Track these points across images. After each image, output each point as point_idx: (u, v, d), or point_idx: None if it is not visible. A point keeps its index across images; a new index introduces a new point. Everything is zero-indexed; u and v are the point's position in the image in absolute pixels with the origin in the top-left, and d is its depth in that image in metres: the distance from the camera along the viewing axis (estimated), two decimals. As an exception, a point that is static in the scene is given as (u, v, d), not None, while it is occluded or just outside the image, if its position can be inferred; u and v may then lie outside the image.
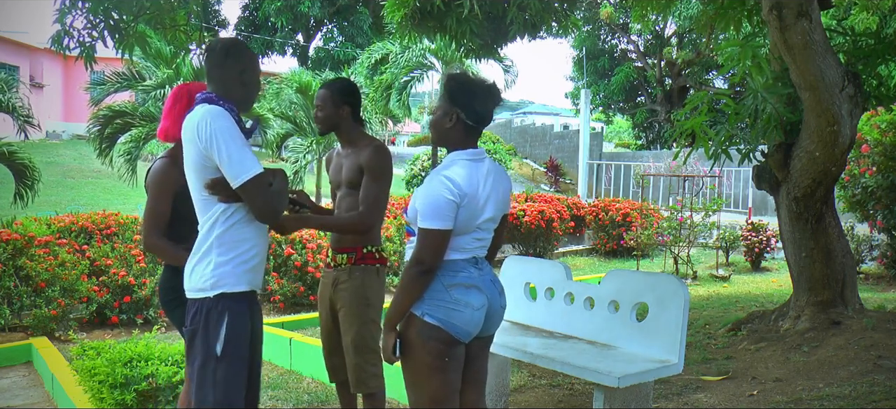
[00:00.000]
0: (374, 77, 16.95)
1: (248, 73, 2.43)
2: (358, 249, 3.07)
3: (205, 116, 2.26)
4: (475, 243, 2.46)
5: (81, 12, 4.74)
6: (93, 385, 3.73)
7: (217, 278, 2.28)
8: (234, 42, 2.52)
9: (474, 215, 2.40)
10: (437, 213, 2.33)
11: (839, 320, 4.79)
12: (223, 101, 2.34)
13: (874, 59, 4.80)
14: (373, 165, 3.02)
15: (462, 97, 2.45)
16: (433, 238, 2.34)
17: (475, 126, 2.46)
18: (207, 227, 2.33)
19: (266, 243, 2.45)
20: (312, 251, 7.58)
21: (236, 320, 2.29)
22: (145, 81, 12.31)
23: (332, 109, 3.12)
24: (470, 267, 2.44)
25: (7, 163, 9.57)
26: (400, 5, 5.43)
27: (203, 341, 2.27)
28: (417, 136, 30.44)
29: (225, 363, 2.26)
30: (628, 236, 10.69)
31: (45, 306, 6.09)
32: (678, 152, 5.36)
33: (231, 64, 2.40)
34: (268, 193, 2.30)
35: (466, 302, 2.39)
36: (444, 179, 2.37)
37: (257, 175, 2.25)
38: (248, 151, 2.28)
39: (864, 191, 7.68)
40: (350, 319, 3.04)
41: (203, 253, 2.32)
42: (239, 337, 2.29)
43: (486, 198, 2.44)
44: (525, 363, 4.26)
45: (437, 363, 2.39)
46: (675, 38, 22.05)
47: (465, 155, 2.45)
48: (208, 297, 2.28)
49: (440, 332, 2.38)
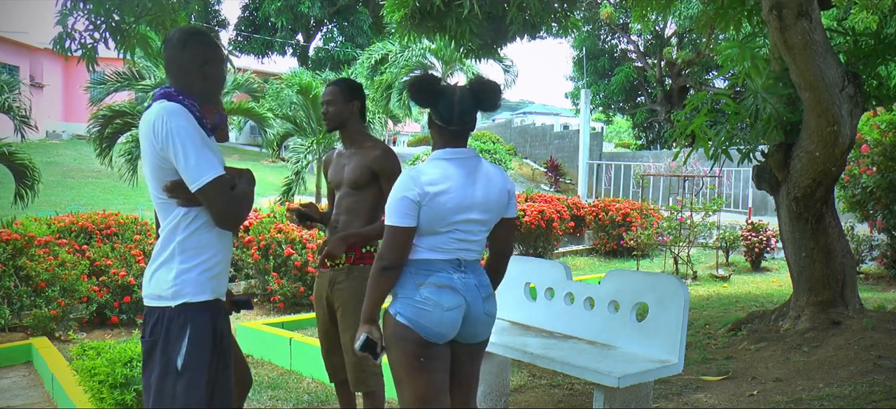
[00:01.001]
0: (375, 77, 16.96)
1: (210, 65, 2.26)
2: (357, 248, 3.07)
3: (160, 114, 2.11)
4: (456, 244, 2.40)
5: (83, 14, 4.74)
6: (93, 385, 3.73)
7: (179, 287, 2.14)
8: (193, 31, 2.34)
9: (443, 215, 2.36)
10: (395, 210, 2.34)
11: (839, 320, 4.79)
12: (183, 96, 2.18)
13: (874, 59, 4.79)
14: (387, 169, 3.05)
15: (426, 99, 2.45)
16: (392, 235, 2.35)
17: (446, 127, 2.43)
18: (168, 231, 2.18)
19: (229, 248, 2.32)
20: (312, 251, 7.57)
21: (199, 331, 2.15)
22: (145, 80, 12.31)
23: (342, 104, 3.12)
24: (449, 268, 2.39)
25: (7, 163, 9.57)
26: (400, 5, 5.43)
27: (163, 352, 2.14)
28: (417, 136, 30.46)
29: (186, 377, 2.13)
30: (628, 236, 10.68)
31: (45, 306, 6.08)
32: (678, 152, 5.37)
33: (189, 55, 2.23)
34: (228, 198, 2.16)
35: (436, 302, 2.35)
36: (407, 178, 2.37)
37: (216, 178, 2.11)
38: (208, 151, 2.13)
39: (864, 191, 7.68)
40: (349, 318, 3.04)
41: (164, 260, 2.17)
42: (201, 349, 2.16)
43: (466, 198, 2.39)
44: (525, 363, 4.26)
45: (413, 363, 2.37)
46: (675, 38, 22.04)
47: (439, 154, 2.44)
48: (169, 306, 2.15)
49: (410, 332, 2.36)
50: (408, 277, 2.39)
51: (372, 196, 3.09)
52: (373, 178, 3.07)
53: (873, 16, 5.86)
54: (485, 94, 2.47)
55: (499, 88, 2.50)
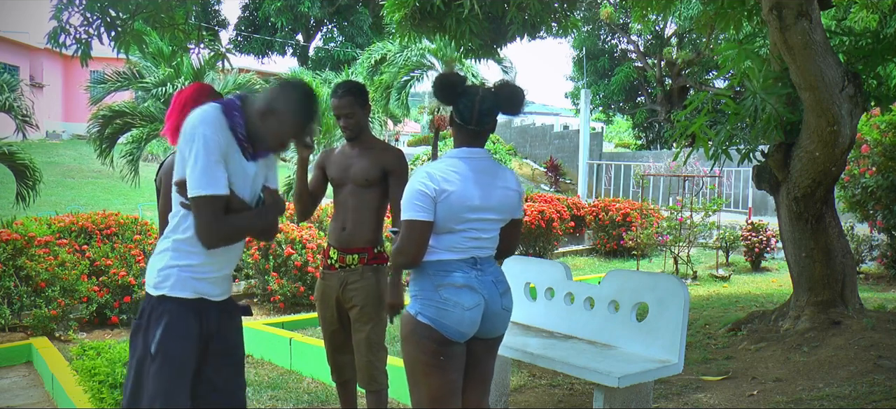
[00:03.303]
0: (374, 77, 16.95)
1: (279, 122, 2.25)
2: (369, 249, 3.10)
3: (200, 113, 2.18)
4: (470, 243, 2.45)
5: (78, 9, 4.74)
6: (93, 385, 3.73)
7: (162, 279, 2.23)
8: (299, 89, 2.32)
9: (458, 212, 2.41)
10: (412, 204, 2.39)
11: (839, 320, 4.79)
12: (240, 113, 2.23)
13: (874, 59, 4.79)
14: (398, 169, 3.10)
15: (449, 97, 2.50)
16: (411, 229, 2.39)
17: (465, 126, 2.48)
18: (172, 225, 2.27)
19: (227, 258, 2.32)
20: (312, 251, 7.57)
21: (175, 323, 2.21)
22: (145, 80, 12.29)
23: (360, 111, 3.14)
24: (466, 267, 2.44)
25: (8, 163, 9.55)
26: (400, 5, 5.43)
27: (144, 336, 2.23)
28: (417, 136, 30.40)
29: (158, 362, 2.19)
30: (628, 236, 10.68)
31: (45, 306, 6.08)
32: (678, 152, 5.37)
33: (275, 101, 2.25)
34: (214, 220, 2.16)
35: (456, 302, 2.40)
36: (423, 174, 2.42)
37: (210, 196, 2.14)
38: (218, 169, 2.16)
39: (864, 191, 7.68)
40: (365, 317, 3.06)
41: (161, 251, 2.27)
42: (175, 340, 2.21)
43: (478, 196, 2.44)
44: (525, 363, 4.26)
45: (432, 361, 2.41)
46: (675, 38, 22.03)
47: (455, 153, 2.49)
48: (152, 295, 2.24)
49: (432, 331, 2.40)
50: (426, 278, 2.43)
51: (378, 195, 3.11)
52: (382, 177, 3.09)
53: (873, 15, 5.86)
54: (508, 97, 2.52)
55: (522, 94, 2.53)
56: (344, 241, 3.13)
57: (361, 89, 3.18)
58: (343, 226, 3.13)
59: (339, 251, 3.13)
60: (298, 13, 27.84)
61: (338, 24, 29.82)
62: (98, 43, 5.01)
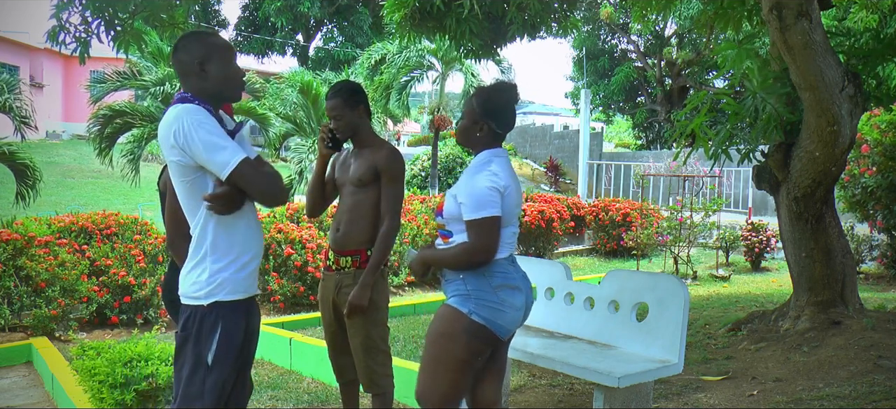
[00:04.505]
0: (374, 77, 16.96)
1: (208, 62, 2.21)
2: (362, 252, 3.06)
3: (177, 115, 2.13)
4: (511, 239, 2.52)
5: (77, 8, 4.75)
6: (93, 385, 3.73)
7: (212, 287, 2.18)
8: (188, 33, 2.31)
9: (513, 208, 2.49)
10: (488, 201, 2.40)
11: (839, 320, 4.79)
12: (198, 100, 2.19)
13: (874, 59, 4.79)
14: (389, 168, 3.05)
15: (493, 111, 2.54)
16: (489, 225, 2.40)
17: (502, 133, 2.58)
18: (199, 231, 2.21)
19: (260, 241, 2.33)
20: (312, 251, 7.58)
21: (230, 329, 2.19)
22: (144, 79, 12.30)
23: (350, 113, 3.08)
24: (508, 266, 2.50)
25: (8, 163, 9.55)
26: (400, 5, 5.44)
27: (194, 348, 2.18)
28: (417, 136, 30.41)
29: (215, 372, 2.17)
30: (628, 236, 10.68)
31: (45, 306, 6.09)
32: (678, 152, 5.37)
33: (186, 58, 2.21)
34: (262, 175, 2.17)
35: (511, 303, 2.46)
36: (487, 172, 2.45)
37: (245, 159, 2.12)
38: (230, 140, 2.15)
39: (864, 191, 7.68)
40: (358, 322, 3.03)
41: (199, 260, 2.20)
42: (231, 346, 2.20)
43: (519, 193, 2.54)
44: (525, 363, 4.26)
45: (470, 361, 2.46)
46: (675, 38, 22.03)
47: (497, 151, 2.55)
48: (202, 305, 2.19)
49: (486, 331, 2.44)
50: (483, 278, 2.45)
51: (374, 195, 3.07)
52: (375, 177, 3.06)
53: (873, 15, 5.86)
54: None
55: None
56: (339, 242, 3.10)
57: (351, 90, 3.11)
58: (338, 227, 3.12)
59: (336, 254, 3.12)
60: (298, 13, 27.86)
61: (338, 24, 29.84)
62: (97, 42, 5.01)
